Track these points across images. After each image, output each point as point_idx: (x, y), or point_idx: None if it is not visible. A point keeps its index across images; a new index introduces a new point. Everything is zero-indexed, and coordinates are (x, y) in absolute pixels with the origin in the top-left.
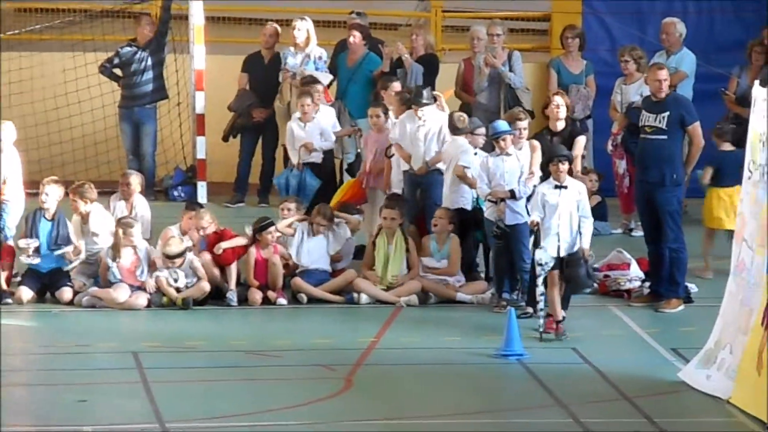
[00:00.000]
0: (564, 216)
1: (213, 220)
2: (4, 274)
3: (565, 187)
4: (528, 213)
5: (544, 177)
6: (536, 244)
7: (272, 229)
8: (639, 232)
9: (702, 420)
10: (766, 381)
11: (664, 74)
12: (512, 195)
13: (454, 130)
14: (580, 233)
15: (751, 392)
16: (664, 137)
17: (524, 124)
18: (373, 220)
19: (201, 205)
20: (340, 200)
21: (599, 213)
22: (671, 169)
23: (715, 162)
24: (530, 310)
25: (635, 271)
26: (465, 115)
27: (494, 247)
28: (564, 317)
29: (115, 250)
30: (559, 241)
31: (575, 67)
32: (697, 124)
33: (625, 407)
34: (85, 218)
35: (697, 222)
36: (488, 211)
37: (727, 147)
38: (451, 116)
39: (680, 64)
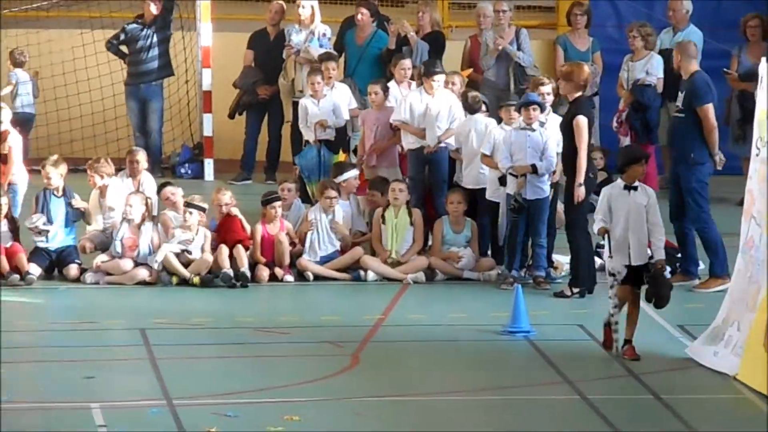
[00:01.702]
0: (634, 220)
1: (233, 200)
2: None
3: (636, 188)
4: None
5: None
6: (598, 253)
7: (277, 204)
8: None
9: (709, 396)
10: None
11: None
12: (534, 170)
13: (470, 109)
14: (652, 243)
15: (758, 369)
16: (683, 116)
17: (548, 88)
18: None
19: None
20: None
21: None
22: (690, 148)
23: None
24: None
25: None
26: (479, 95)
27: (510, 222)
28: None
29: (121, 225)
30: (629, 248)
31: (582, 44)
32: (707, 106)
33: (631, 384)
34: (102, 192)
35: (717, 200)
36: (508, 186)
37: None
38: (465, 96)
39: None
